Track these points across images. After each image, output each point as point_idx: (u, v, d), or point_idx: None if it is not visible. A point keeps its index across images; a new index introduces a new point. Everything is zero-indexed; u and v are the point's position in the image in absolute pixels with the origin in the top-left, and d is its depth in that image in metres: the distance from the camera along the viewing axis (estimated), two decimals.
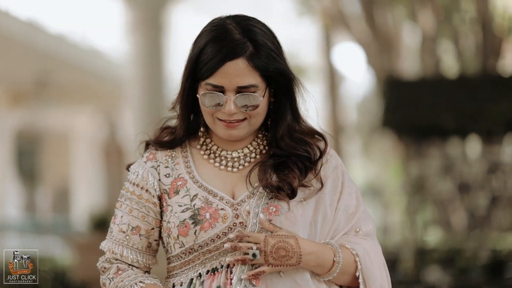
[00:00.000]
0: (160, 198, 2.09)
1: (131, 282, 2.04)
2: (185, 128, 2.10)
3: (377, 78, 11.98)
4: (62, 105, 16.12)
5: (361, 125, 19.15)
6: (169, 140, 2.12)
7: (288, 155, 2.04)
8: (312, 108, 2.12)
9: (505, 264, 8.39)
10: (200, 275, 2.03)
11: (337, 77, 14.83)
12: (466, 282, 8.06)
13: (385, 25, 12.28)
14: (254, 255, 1.93)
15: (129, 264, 2.10)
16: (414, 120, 9.01)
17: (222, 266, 2.01)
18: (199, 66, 1.99)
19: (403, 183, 9.99)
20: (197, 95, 2.02)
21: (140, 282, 2.04)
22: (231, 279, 1.98)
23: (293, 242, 1.95)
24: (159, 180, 2.09)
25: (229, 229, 2.01)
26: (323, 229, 2.04)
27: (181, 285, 2.05)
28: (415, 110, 8.99)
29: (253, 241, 1.95)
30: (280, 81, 2.01)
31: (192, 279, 2.04)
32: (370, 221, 2.12)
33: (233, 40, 1.98)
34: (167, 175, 2.09)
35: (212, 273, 2.01)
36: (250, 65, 1.97)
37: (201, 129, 2.11)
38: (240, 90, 1.99)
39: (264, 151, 2.09)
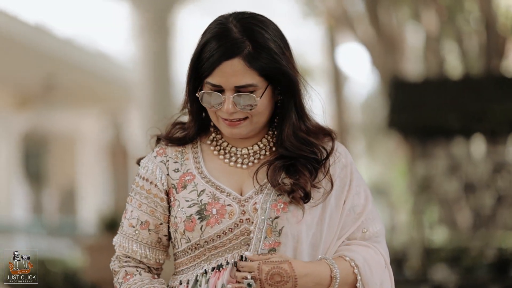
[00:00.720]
0: (168, 193, 2.07)
1: None
2: (197, 126, 2.10)
3: (382, 79, 12.05)
4: (69, 108, 16.21)
5: (365, 125, 19.19)
6: (180, 137, 2.11)
7: (296, 156, 2.02)
8: (318, 107, 2.11)
9: (510, 263, 8.43)
10: (205, 271, 2.02)
11: (341, 77, 14.89)
12: (472, 280, 8.12)
13: (389, 25, 12.35)
14: (249, 284, 1.92)
15: (139, 261, 2.10)
16: (419, 121, 9.06)
17: (227, 263, 2.00)
18: (200, 65, 1.98)
19: (409, 183, 10.03)
20: (196, 94, 2.02)
21: None
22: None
23: (287, 266, 1.93)
24: (168, 174, 2.07)
25: (236, 225, 2.00)
26: (329, 229, 2.03)
27: (187, 283, 2.04)
28: (420, 111, 9.05)
29: (247, 270, 1.94)
30: (281, 80, 1.99)
31: (197, 276, 2.03)
32: (378, 222, 2.10)
33: (232, 39, 1.96)
34: (176, 170, 2.08)
35: (217, 270, 2.00)
36: (246, 65, 1.95)
37: (212, 124, 2.10)
38: (239, 89, 1.97)
39: (274, 149, 2.07)
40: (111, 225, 9.69)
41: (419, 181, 9.36)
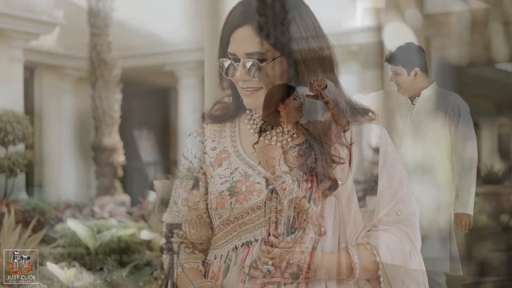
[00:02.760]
0: (204, 172, 2.11)
1: (174, 266, 2.11)
2: (235, 104, 2.13)
3: (427, 61, 12.17)
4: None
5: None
6: (220, 114, 2.15)
7: (313, 136, 2.02)
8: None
9: None
10: (236, 247, 2.06)
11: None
12: None
13: (435, 8, 12.42)
14: (269, 271, 1.96)
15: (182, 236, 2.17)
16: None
17: (256, 240, 2.02)
18: (223, 34, 2.04)
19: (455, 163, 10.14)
20: (216, 63, 2.06)
21: (180, 266, 2.12)
22: None
23: (307, 257, 1.96)
24: (205, 153, 2.12)
25: (264, 203, 2.01)
26: (358, 209, 2.03)
27: (220, 258, 2.09)
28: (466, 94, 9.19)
29: (269, 256, 1.97)
30: (287, 51, 1.99)
31: (228, 251, 2.07)
32: (412, 205, 2.08)
33: (247, 8, 2.00)
34: (213, 148, 2.11)
35: (246, 246, 2.04)
36: (255, 33, 1.97)
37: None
38: (250, 57, 1.99)
39: None
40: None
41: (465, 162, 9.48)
